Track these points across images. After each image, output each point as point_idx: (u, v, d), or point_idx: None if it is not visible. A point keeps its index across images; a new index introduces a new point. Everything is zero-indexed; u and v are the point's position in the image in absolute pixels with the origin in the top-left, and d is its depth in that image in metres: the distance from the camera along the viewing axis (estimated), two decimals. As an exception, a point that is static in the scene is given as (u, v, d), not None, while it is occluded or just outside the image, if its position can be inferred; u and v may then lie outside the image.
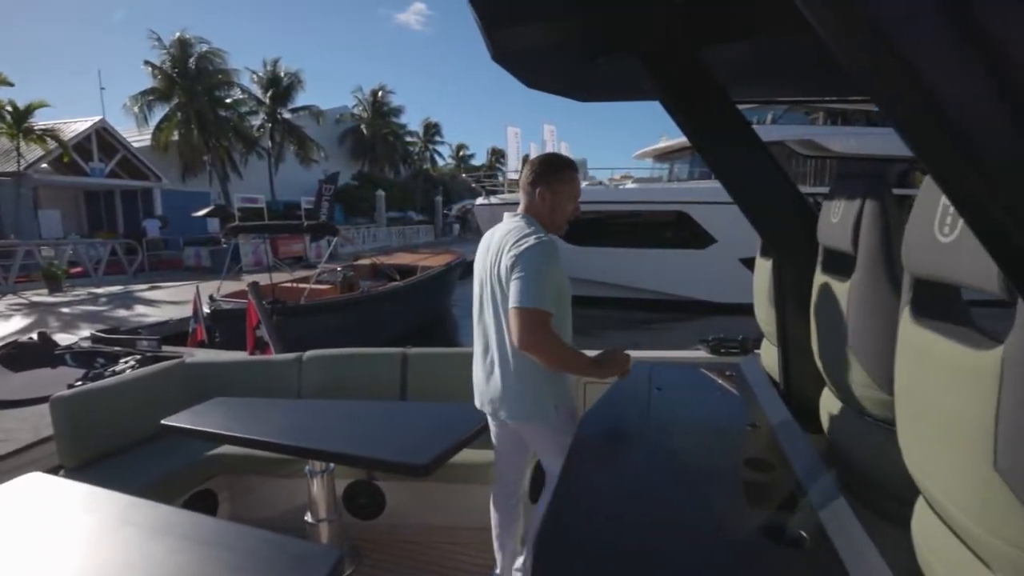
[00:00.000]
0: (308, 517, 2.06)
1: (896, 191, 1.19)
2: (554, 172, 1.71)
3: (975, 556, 0.72)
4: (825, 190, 1.40)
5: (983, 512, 0.66)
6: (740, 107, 1.69)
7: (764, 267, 1.84)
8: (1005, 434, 0.61)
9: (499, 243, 1.70)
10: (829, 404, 1.38)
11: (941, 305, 0.82)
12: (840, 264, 1.28)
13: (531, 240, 1.60)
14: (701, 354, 2.70)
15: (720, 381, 1.93)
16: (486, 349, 1.77)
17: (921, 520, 0.87)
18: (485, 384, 1.79)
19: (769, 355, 1.94)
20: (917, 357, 0.81)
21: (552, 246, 1.63)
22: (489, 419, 1.92)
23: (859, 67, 0.46)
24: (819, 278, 1.39)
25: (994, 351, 0.63)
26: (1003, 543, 0.64)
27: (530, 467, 2.56)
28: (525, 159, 21.04)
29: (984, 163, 0.42)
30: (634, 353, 2.65)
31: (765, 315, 1.87)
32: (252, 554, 1.22)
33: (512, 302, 1.57)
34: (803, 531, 1.00)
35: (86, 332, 4.94)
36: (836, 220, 1.27)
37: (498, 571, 2.02)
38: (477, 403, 1.88)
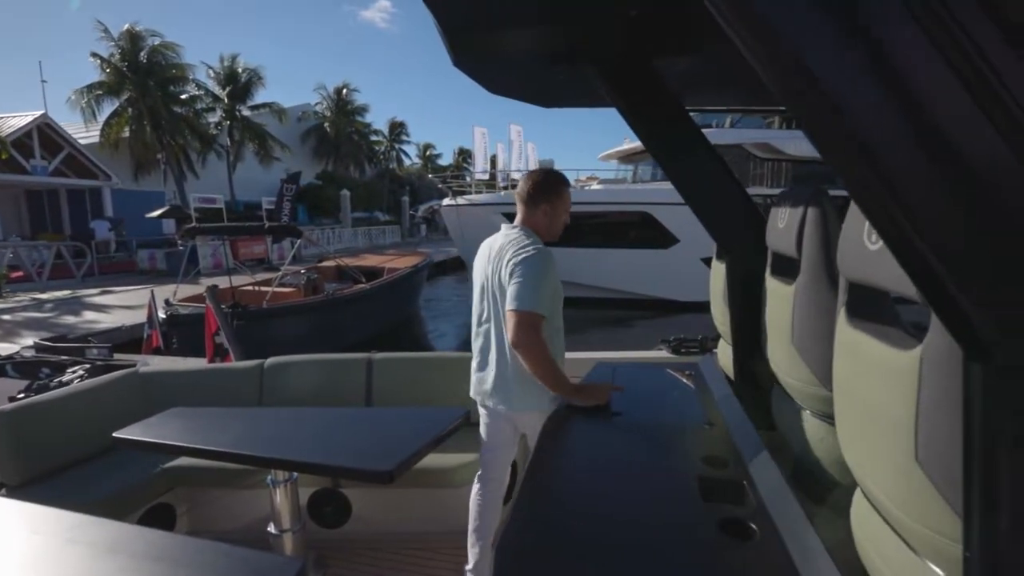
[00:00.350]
0: (271, 528, 2.01)
1: (845, 192, 1.26)
2: (553, 187, 1.89)
3: (904, 543, 0.77)
4: (781, 191, 1.47)
5: (908, 501, 0.72)
6: (698, 110, 1.76)
7: (719, 269, 1.91)
8: (923, 428, 0.66)
9: (499, 251, 1.85)
10: (779, 401, 1.45)
11: (872, 307, 0.88)
12: (786, 267, 1.35)
13: (530, 250, 1.77)
14: (663, 354, 2.78)
15: (679, 381, 2.00)
16: (487, 348, 1.94)
17: (858, 510, 0.93)
18: (487, 380, 1.95)
19: (726, 354, 2.02)
20: (851, 356, 0.87)
21: (549, 256, 1.79)
22: (482, 414, 2.04)
23: (771, 77, 0.50)
24: (768, 281, 1.45)
25: (914, 351, 0.68)
26: (926, 530, 0.70)
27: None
28: (493, 159, 21.13)
29: (883, 169, 0.45)
30: (598, 354, 2.71)
31: (721, 316, 1.94)
32: (209, 568, 1.19)
33: (509, 304, 1.72)
34: (753, 524, 1.05)
35: (29, 340, 4.67)
36: (782, 225, 1.34)
37: (470, 567, 2.03)
38: (475, 397, 2.03)
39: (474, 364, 2.03)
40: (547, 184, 1.88)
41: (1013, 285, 0.46)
